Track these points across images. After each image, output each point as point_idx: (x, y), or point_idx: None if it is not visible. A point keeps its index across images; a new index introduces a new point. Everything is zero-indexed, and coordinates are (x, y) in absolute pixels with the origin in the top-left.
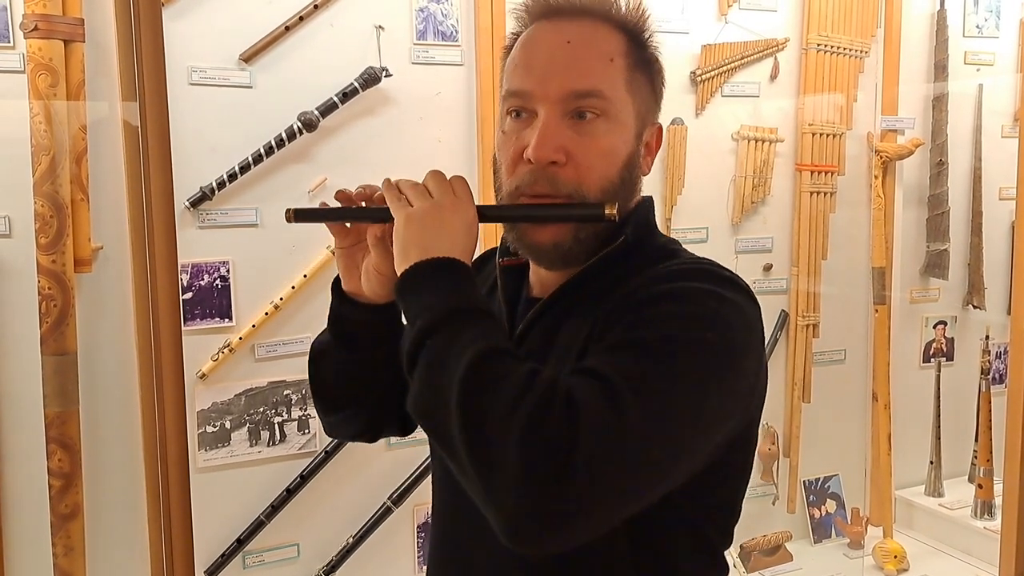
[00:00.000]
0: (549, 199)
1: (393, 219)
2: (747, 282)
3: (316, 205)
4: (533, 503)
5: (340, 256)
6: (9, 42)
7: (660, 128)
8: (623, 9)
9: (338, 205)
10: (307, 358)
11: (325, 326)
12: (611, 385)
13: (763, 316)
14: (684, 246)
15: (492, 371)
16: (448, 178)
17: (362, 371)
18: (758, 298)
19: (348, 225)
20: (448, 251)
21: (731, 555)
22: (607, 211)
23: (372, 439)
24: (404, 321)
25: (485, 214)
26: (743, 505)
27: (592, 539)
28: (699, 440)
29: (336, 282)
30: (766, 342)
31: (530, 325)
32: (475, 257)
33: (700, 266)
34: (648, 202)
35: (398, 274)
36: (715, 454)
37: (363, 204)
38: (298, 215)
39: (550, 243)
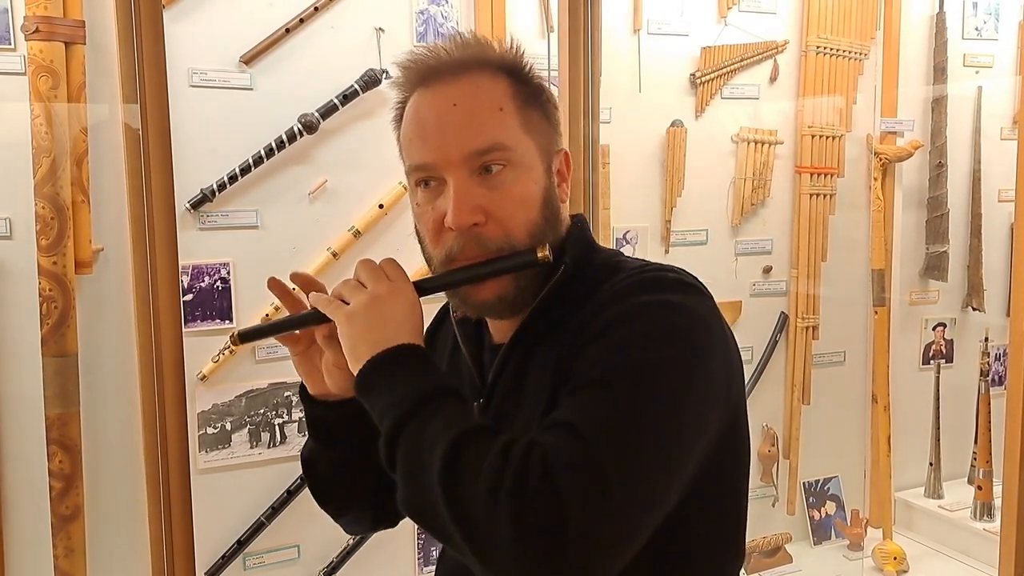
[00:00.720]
0: (482, 258)
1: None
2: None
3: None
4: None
5: (298, 363)
6: (10, 44)
7: (566, 153)
8: (497, 49)
9: (283, 312)
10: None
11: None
12: (583, 439)
13: (762, 317)
14: (681, 243)
15: (466, 460)
16: (379, 263)
17: (354, 466)
18: (757, 300)
19: (297, 332)
20: (395, 339)
21: None
22: (540, 255)
23: (392, 525)
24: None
25: (424, 288)
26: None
27: None
28: (685, 455)
29: (303, 388)
30: (766, 344)
31: (498, 373)
32: (430, 320)
33: (643, 276)
34: (579, 221)
35: (354, 374)
36: (709, 452)
37: (308, 299)
38: (243, 337)
39: (494, 298)
